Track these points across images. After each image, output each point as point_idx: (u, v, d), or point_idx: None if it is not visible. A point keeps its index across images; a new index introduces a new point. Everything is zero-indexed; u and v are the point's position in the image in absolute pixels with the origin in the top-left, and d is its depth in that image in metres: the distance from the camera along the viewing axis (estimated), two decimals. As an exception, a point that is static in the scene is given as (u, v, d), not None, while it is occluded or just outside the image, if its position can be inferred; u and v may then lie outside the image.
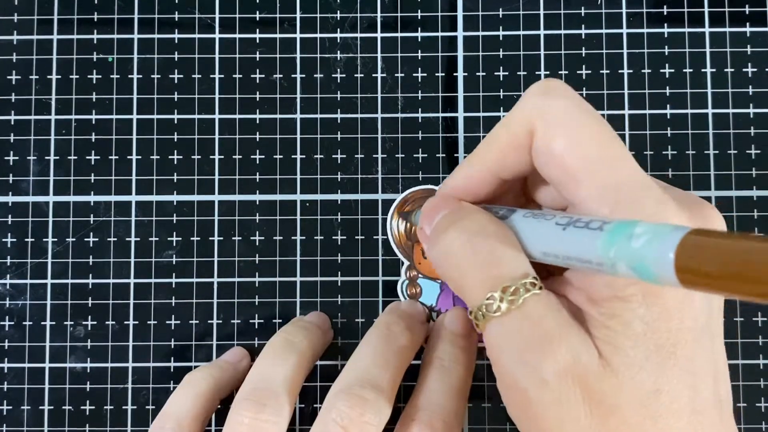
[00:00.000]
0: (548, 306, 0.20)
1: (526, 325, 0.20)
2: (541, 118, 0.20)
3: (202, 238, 0.30)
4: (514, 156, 0.21)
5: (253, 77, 0.31)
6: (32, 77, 0.31)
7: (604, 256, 0.17)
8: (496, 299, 0.20)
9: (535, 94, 0.21)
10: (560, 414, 0.19)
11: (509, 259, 0.21)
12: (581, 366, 0.19)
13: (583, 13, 0.31)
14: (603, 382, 0.19)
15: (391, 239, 0.29)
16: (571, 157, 0.20)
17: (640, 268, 0.16)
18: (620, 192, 0.19)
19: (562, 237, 0.19)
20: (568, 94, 0.21)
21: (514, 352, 0.20)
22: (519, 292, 0.20)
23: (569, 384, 0.19)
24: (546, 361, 0.19)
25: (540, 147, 0.20)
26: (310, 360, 0.27)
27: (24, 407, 0.30)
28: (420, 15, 0.31)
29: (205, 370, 0.27)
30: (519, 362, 0.20)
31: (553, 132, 0.20)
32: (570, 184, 0.20)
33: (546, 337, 0.19)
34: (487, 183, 0.23)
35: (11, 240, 0.30)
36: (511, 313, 0.20)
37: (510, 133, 0.21)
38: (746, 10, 0.31)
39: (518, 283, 0.20)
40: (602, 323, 0.19)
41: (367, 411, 0.23)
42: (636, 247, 0.16)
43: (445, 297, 0.29)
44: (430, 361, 0.26)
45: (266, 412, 0.24)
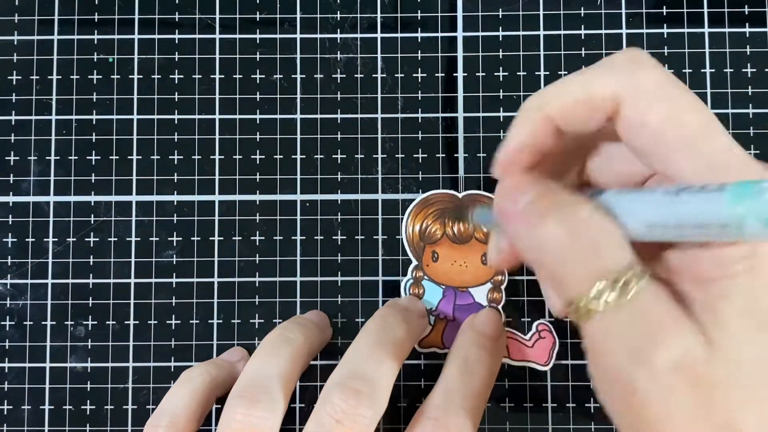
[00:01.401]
0: (656, 296, 0.19)
1: (635, 318, 0.19)
2: (633, 89, 0.20)
3: (203, 238, 0.30)
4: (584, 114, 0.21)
5: (253, 77, 0.31)
6: (33, 77, 0.31)
7: (731, 213, 0.16)
8: (603, 291, 0.19)
9: (623, 63, 0.20)
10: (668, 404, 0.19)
11: (614, 249, 0.20)
12: (691, 358, 0.19)
13: (582, 13, 0.31)
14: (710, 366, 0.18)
15: (405, 238, 0.29)
16: (668, 130, 0.19)
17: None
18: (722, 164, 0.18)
19: (673, 204, 0.18)
20: (656, 65, 0.20)
21: (623, 345, 0.19)
22: (629, 284, 0.19)
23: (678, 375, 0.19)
24: (658, 354, 0.19)
25: (631, 119, 0.20)
26: (306, 356, 0.27)
27: (25, 407, 0.30)
28: (420, 15, 0.31)
29: (202, 367, 0.27)
30: (629, 356, 0.19)
31: (648, 104, 0.20)
32: (666, 155, 0.19)
33: (656, 329, 0.19)
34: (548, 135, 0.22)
35: (12, 240, 0.30)
36: (620, 306, 0.19)
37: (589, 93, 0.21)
38: (746, 10, 0.31)
39: (627, 274, 0.19)
40: (708, 306, 0.19)
41: (362, 403, 0.23)
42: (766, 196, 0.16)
43: (446, 303, 0.29)
44: (453, 359, 0.26)
45: (259, 408, 0.24)
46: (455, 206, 0.29)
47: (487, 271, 0.29)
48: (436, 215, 0.29)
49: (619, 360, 0.19)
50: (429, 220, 0.29)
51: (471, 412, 0.25)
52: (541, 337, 0.29)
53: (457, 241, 0.29)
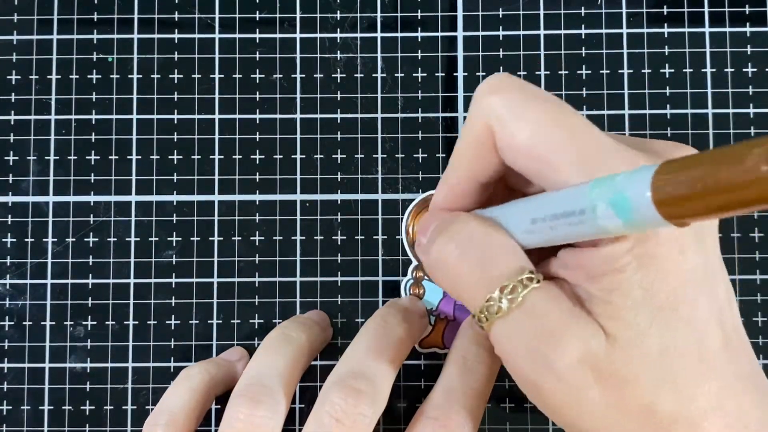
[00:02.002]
0: (549, 298, 0.20)
1: (530, 322, 0.20)
2: (495, 116, 0.20)
3: (202, 238, 0.30)
4: (485, 159, 0.21)
5: (253, 77, 0.31)
6: (32, 77, 0.31)
7: (587, 198, 0.17)
8: (495, 300, 0.20)
9: (483, 95, 0.21)
10: (576, 400, 0.19)
11: (503, 257, 0.21)
12: (591, 352, 0.19)
13: (583, 13, 0.31)
14: (612, 359, 0.19)
15: (405, 238, 0.29)
16: (536, 145, 0.20)
17: (619, 203, 0.16)
18: (592, 162, 0.19)
19: (551, 198, 0.19)
20: (513, 87, 0.21)
21: (522, 350, 0.20)
22: (517, 290, 0.20)
23: (582, 372, 0.19)
24: (556, 355, 0.19)
25: (503, 145, 0.20)
26: (308, 355, 0.27)
27: (24, 407, 0.30)
28: (420, 15, 0.31)
29: (201, 366, 0.27)
30: (529, 360, 0.20)
31: (511, 127, 0.20)
32: (542, 170, 0.20)
33: (552, 331, 0.19)
34: (469, 191, 0.23)
35: (11, 240, 0.30)
36: (513, 312, 0.20)
37: (473, 138, 0.21)
38: (746, 10, 0.31)
39: (515, 280, 0.20)
40: (602, 299, 0.19)
41: (361, 402, 0.23)
42: (617, 180, 0.16)
43: (446, 303, 0.29)
44: (453, 359, 0.26)
45: (261, 409, 0.24)
46: None
47: None
48: None
49: (523, 366, 0.20)
50: None
51: (471, 411, 0.25)
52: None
53: None
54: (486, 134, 0.21)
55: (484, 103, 0.21)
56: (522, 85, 0.21)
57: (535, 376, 0.20)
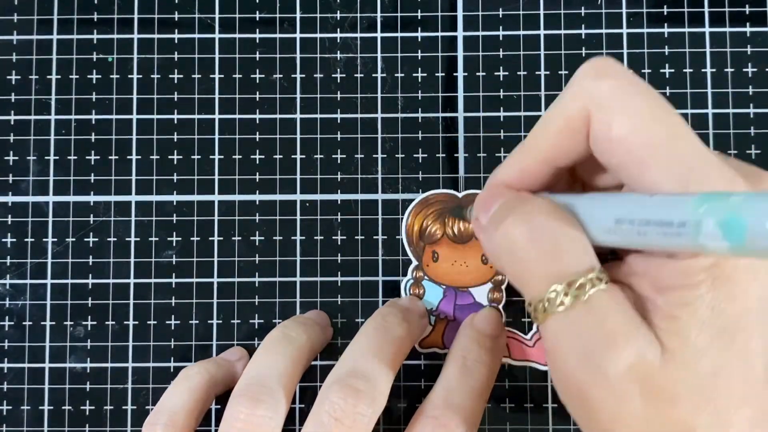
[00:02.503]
0: (614, 301, 0.19)
1: (590, 322, 0.19)
2: (596, 103, 0.19)
3: (202, 238, 0.30)
4: (570, 142, 0.21)
5: (253, 77, 0.31)
6: (32, 77, 0.31)
7: (693, 212, 0.16)
8: (560, 293, 0.19)
9: (585, 77, 0.20)
10: (618, 409, 0.19)
11: (575, 251, 0.20)
12: (644, 364, 0.19)
13: (583, 13, 0.31)
14: (664, 374, 0.19)
15: (405, 237, 0.29)
16: (634, 142, 0.19)
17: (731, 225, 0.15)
18: (689, 171, 0.18)
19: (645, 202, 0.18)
20: (620, 74, 0.20)
21: (576, 348, 0.19)
22: (585, 287, 0.19)
23: (630, 382, 0.19)
24: (610, 360, 0.19)
25: (598, 133, 0.20)
26: (308, 355, 0.27)
27: (24, 407, 0.30)
28: (420, 15, 0.31)
29: (201, 365, 0.27)
30: (581, 359, 0.19)
31: (611, 117, 0.19)
32: (634, 168, 0.19)
33: (611, 335, 0.19)
34: (542, 173, 0.22)
35: (11, 240, 0.30)
36: (575, 309, 0.19)
37: (564, 120, 0.20)
38: (746, 10, 0.31)
39: (584, 277, 0.19)
40: (668, 313, 0.19)
41: (361, 402, 0.23)
42: (732, 201, 0.16)
43: (446, 303, 0.29)
44: (453, 358, 0.26)
45: (262, 408, 0.24)
46: (455, 206, 0.29)
47: (487, 271, 0.29)
48: (436, 215, 0.29)
49: (572, 364, 0.20)
50: (429, 219, 0.29)
51: (471, 411, 0.25)
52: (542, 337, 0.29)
53: (457, 241, 0.29)
54: (581, 119, 0.20)
55: (587, 86, 0.20)
56: (627, 73, 0.20)
57: (583, 377, 0.19)
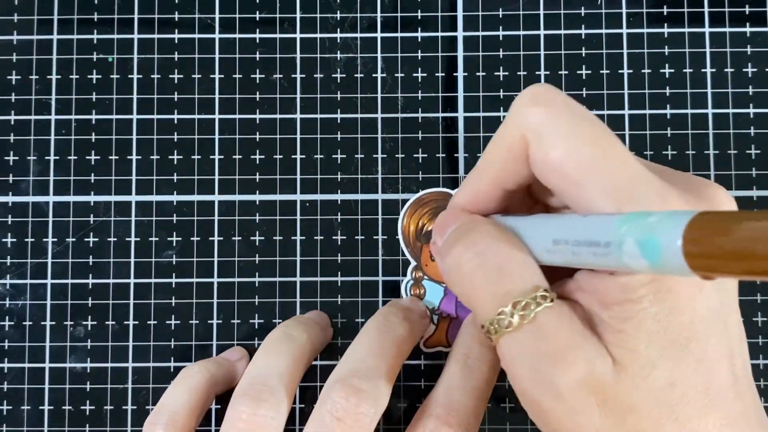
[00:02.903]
0: (560, 318, 0.20)
1: (538, 340, 0.20)
2: (532, 129, 0.20)
3: (202, 238, 0.30)
4: (514, 167, 0.21)
5: (253, 77, 0.31)
6: (32, 77, 0.31)
7: (615, 232, 0.17)
8: (507, 314, 0.20)
9: (522, 105, 0.21)
10: (576, 422, 0.19)
11: (519, 272, 0.20)
12: (595, 375, 0.19)
13: (583, 13, 0.31)
14: (617, 386, 0.19)
15: (401, 238, 0.29)
16: (569, 165, 0.19)
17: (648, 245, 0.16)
18: (622, 190, 0.19)
19: (577, 223, 0.19)
20: (555, 101, 0.20)
21: (527, 366, 0.20)
22: (530, 307, 0.20)
23: (584, 394, 0.19)
24: (560, 375, 0.19)
25: (536, 158, 0.20)
26: (310, 354, 0.27)
27: (24, 407, 0.30)
28: (420, 15, 0.31)
29: (201, 365, 0.27)
30: (533, 376, 0.20)
31: (546, 142, 0.20)
32: (571, 189, 0.20)
33: (559, 350, 0.19)
34: (493, 196, 0.23)
35: (11, 240, 0.30)
36: (523, 328, 0.20)
37: (506, 146, 0.21)
38: (746, 10, 0.31)
39: (529, 297, 0.20)
40: (614, 327, 0.19)
41: (363, 402, 0.23)
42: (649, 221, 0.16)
43: (447, 301, 0.29)
44: (455, 357, 0.26)
45: (264, 408, 0.24)
46: None
47: None
48: (431, 214, 0.29)
49: (526, 382, 0.20)
50: (424, 219, 0.29)
51: (473, 409, 0.25)
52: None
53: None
54: (520, 144, 0.21)
55: (523, 113, 0.20)
56: (564, 100, 0.20)
57: (537, 393, 0.20)
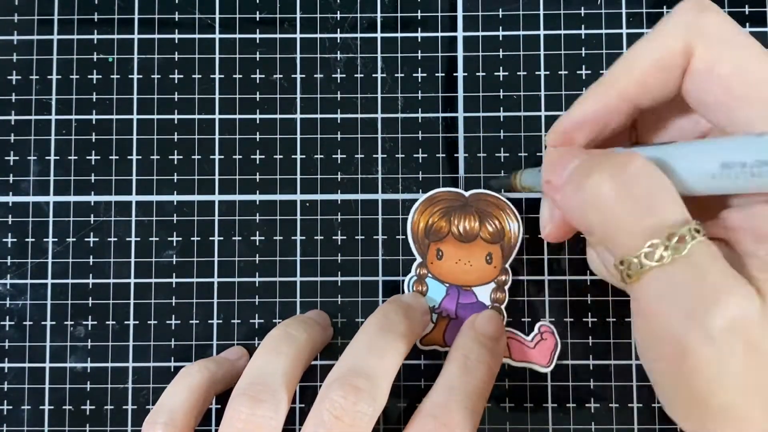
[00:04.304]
0: (713, 255, 0.19)
1: (691, 276, 0.18)
2: (702, 36, 0.19)
3: (202, 238, 0.30)
4: (660, 79, 0.20)
5: (253, 77, 0.31)
6: (32, 77, 0.31)
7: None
8: (659, 247, 0.18)
9: (688, 11, 0.19)
10: (720, 367, 0.18)
11: (670, 204, 0.19)
12: (747, 320, 0.18)
13: (583, 13, 0.31)
14: (764, 329, 0.18)
15: (410, 234, 0.29)
16: (737, 79, 0.19)
17: None
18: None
19: (754, 143, 0.18)
20: (721, 11, 0.19)
21: (677, 304, 0.18)
22: (685, 240, 0.18)
23: (733, 338, 0.18)
24: (713, 316, 0.18)
25: (701, 68, 0.19)
26: (309, 354, 0.27)
27: (24, 407, 0.30)
28: (420, 15, 0.31)
29: (201, 364, 0.27)
30: (683, 316, 0.18)
31: (718, 52, 0.19)
32: (733, 106, 0.19)
33: (713, 290, 0.18)
34: (622, 113, 0.21)
35: (11, 240, 0.30)
36: (675, 263, 0.18)
37: (660, 52, 0.20)
38: (746, 10, 0.31)
39: (683, 229, 0.18)
40: None
41: (361, 400, 0.23)
42: None
43: (449, 301, 0.29)
44: (454, 358, 0.26)
45: (263, 408, 0.24)
46: (461, 204, 0.29)
47: (491, 271, 0.29)
48: (442, 213, 0.29)
49: (672, 321, 0.19)
50: (435, 217, 0.29)
51: (472, 410, 0.25)
52: (542, 339, 0.29)
53: (462, 240, 0.29)
54: (681, 53, 0.19)
55: (691, 19, 0.19)
56: (723, 11, 0.19)
57: (685, 333, 0.18)
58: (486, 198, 0.29)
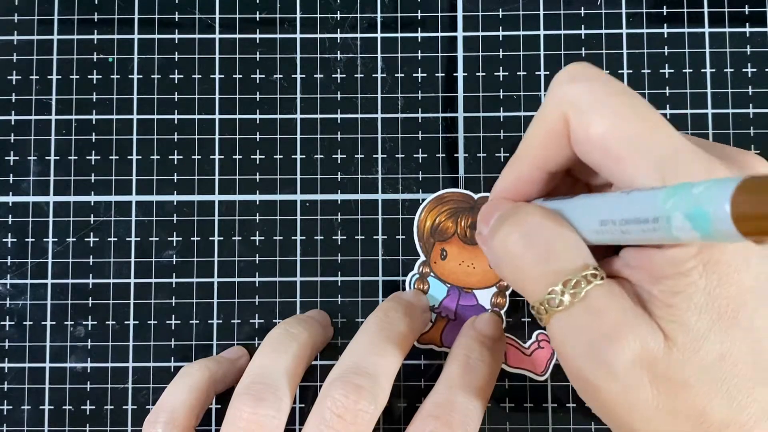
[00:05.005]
0: (611, 295, 0.20)
1: (590, 318, 0.20)
2: (572, 106, 0.20)
3: (202, 238, 0.30)
4: (556, 147, 0.21)
5: (253, 77, 0.31)
6: (32, 77, 0.31)
7: (662, 208, 0.17)
8: (557, 293, 0.20)
9: (562, 82, 0.21)
10: (628, 400, 0.19)
11: (568, 251, 0.20)
12: (648, 352, 0.19)
13: (582, 13, 0.31)
14: (669, 361, 0.19)
15: (416, 232, 0.29)
16: (611, 140, 0.19)
17: (696, 216, 0.16)
18: (667, 163, 0.19)
19: (622, 201, 0.19)
20: (593, 76, 0.20)
21: (580, 345, 0.20)
22: (580, 285, 0.20)
23: (637, 372, 0.19)
24: (614, 353, 0.19)
25: (578, 135, 0.20)
26: (310, 353, 0.27)
27: (24, 407, 0.30)
28: (420, 15, 0.31)
29: (201, 363, 0.27)
30: (586, 355, 0.20)
31: (587, 118, 0.20)
32: (614, 165, 0.19)
33: (612, 328, 0.19)
34: (535, 179, 0.22)
35: (11, 240, 0.30)
36: (574, 307, 0.20)
37: (546, 127, 0.21)
38: (746, 10, 0.31)
39: (579, 275, 0.20)
40: (664, 302, 0.19)
41: (362, 398, 0.23)
42: (694, 193, 0.16)
43: (450, 300, 0.29)
44: (455, 357, 0.26)
45: (265, 407, 0.24)
46: (469, 206, 0.29)
47: (494, 276, 0.29)
48: (449, 213, 0.29)
49: (579, 361, 0.20)
50: (442, 216, 0.29)
51: (473, 409, 0.25)
52: (540, 347, 0.29)
53: (467, 242, 0.29)
54: (560, 123, 0.20)
55: (562, 91, 0.20)
56: (602, 76, 0.20)
57: (590, 372, 0.20)
58: None
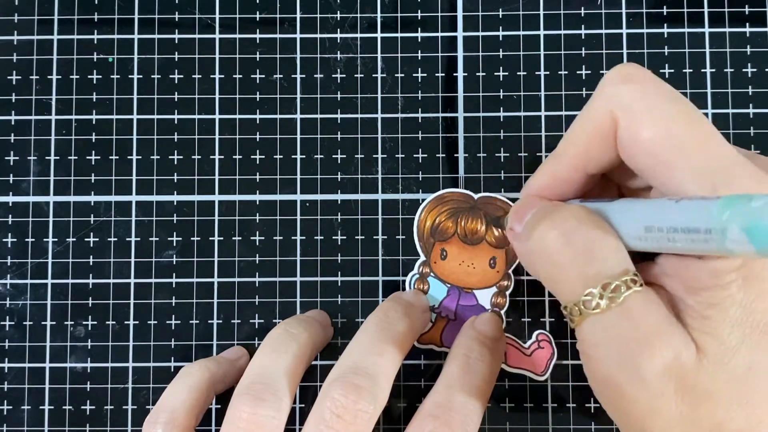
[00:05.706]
0: (648, 303, 0.20)
1: (626, 324, 0.20)
2: (623, 108, 0.20)
3: (202, 238, 0.30)
4: (599, 149, 0.21)
5: (253, 77, 0.31)
6: (32, 77, 0.31)
7: (717, 219, 0.17)
8: (595, 296, 0.20)
9: (611, 83, 0.20)
10: (653, 408, 0.19)
11: (609, 254, 0.20)
12: (679, 363, 0.19)
13: (583, 13, 0.31)
14: (698, 373, 0.19)
15: (416, 231, 0.29)
16: (661, 145, 0.19)
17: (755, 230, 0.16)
18: (716, 172, 0.18)
19: (671, 209, 0.19)
20: (644, 78, 0.20)
21: (612, 350, 0.20)
22: (620, 290, 0.20)
23: (666, 381, 0.19)
24: (646, 361, 0.19)
25: (626, 138, 0.20)
26: (310, 353, 0.27)
27: (24, 407, 0.30)
28: (420, 15, 0.31)
29: (201, 363, 0.27)
30: (618, 361, 0.20)
31: (638, 121, 0.19)
32: (662, 171, 0.19)
33: (646, 336, 0.19)
34: (574, 180, 0.22)
35: (11, 240, 0.30)
36: (611, 311, 0.20)
37: (593, 126, 0.21)
38: (746, 10, 0.31)
39: (619, 279, 0.20)
40: (700, 313, 0.19)
41: (362, 399, 0.23)
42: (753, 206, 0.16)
43: (450, 300, 0.29)
44: (455, 357, 0.26)
45: (265, 407, 0.24)
46: (469, 206, 0.29)
47: (494, 276, 0.29)
48: (450, 213, 0.29)
49: (609, 366, 0.20)
50: (442, 216, 0.29)
51: (473, 409, 0.25)
52: (540, 347, 0.29)
53: (467, 242, 0.29)
54: (608, 124, 0.20)
55: (613, 92, 0.20)
56: (653, 79, 0.20)
57: (619, 377, 0.20)
58: (494, 202, 0.29)
